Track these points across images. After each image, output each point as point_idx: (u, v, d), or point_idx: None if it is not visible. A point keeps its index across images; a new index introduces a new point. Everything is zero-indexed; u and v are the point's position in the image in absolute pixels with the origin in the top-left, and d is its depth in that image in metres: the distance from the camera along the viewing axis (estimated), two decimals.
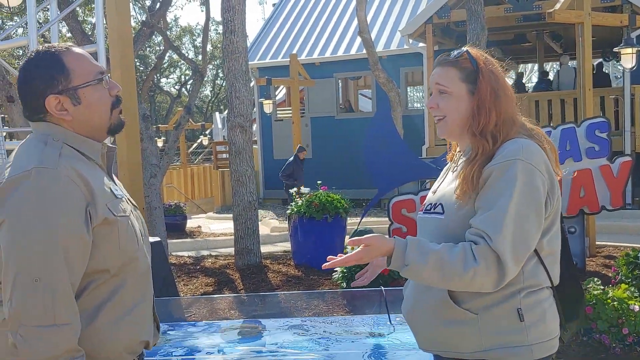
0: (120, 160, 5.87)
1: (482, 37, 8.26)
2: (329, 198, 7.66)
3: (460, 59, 1.88)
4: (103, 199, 1.67)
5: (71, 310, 1.59)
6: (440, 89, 1.89)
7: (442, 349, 1.85)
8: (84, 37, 8.79)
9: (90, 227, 1.63)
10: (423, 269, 1.71)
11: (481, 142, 1.81)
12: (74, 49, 1.76)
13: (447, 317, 1.80)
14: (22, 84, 1.73)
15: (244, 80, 7.67)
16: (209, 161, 21.37)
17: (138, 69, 28.79)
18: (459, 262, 1.69)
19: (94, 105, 1.73)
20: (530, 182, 1.74)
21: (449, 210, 1.82)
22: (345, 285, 5.69)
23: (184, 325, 4.33)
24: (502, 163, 1.75)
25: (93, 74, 1.74)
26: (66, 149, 1.69)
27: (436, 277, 1.71)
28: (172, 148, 10.30)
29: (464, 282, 1.70)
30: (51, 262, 1.56)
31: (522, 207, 1.72)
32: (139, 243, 1.76)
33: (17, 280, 1.56)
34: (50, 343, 1.56)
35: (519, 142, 1.80)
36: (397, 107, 10.75)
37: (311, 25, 16.86)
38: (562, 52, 16.02)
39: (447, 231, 1.81)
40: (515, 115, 1.88)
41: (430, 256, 1.71)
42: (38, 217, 1.57)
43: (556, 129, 6.67)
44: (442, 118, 1.90)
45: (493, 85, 1.84)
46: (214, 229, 12.62)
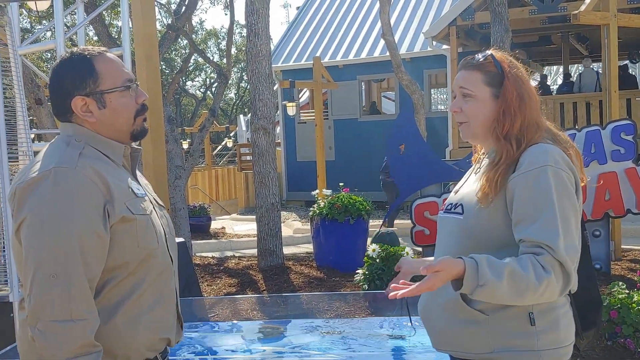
0: (146, 162, 5.95)
1: (506, 39, 8.21)
2: (351, 200, 7.67)
3: (485, 62, 1.88)
4: (122, 197, 1.70)
5: (88, 306, 1.63)
6: (464, 93, 1.88)
7: (453, 349, 1.85)
8: (110, 40, 8.93)
9: (107, 224, 1.67)
10: (498, 287, 1.63)
11: (505, 147, 1.81)
12: (107, 54, 1.81)
13: (459, 316, 1.80)
14: (52, 83, 1.79)
15: (267, 83, 7.72)
16: (233, 163, 21.50)
17: (164, 72, 29.08)
18: (531, 275, 1.64)
19: (118, 110, 1.78)
20: (563, 185, 1.73)
21: (469, 211, 1.82)
22: (367, 287, 5.70)
23: (206, 324, 4.37)
24: (532, 171, 1.73)
25: (121, 81, 1.78)
26: (88, 150, 1.74)
27: (510, 294, 1.64)
28: (196, 150, 10.40)
29: (537, 295, 1.66)
30: (68, 259, 1.60)
31: (564, 211, 1.71)
32: (159, 241, 1.79)
33: (35, 276, 1.60)
34: (67, 338, 1.59)
35: (543, 147, 1.79)
36: (420, 110, 10.71)
37: (335, 28, 16.89)
38: (588, 53, 15.84)
39: (465, 231, 1.81)
40: (540, 119, 1.87)
41: (505, 273, 1.64)
42: (55, 214, 1.61)
43: (581, 132, 6.61)
44: (466, 122, 1.90)
45: (518, 90, 1.84)
46: (238, 230, 12.70)
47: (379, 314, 4.61)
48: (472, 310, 1.77)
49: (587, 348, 4.65)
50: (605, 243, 6.71)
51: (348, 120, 15.67)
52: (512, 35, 8.72)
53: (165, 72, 28.73)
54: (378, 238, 7.15)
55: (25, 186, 1.65)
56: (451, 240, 1.86)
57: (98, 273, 1.67)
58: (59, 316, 1.59)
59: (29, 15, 15.58)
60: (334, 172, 13.80)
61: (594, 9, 7.79)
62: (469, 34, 13.05)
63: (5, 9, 3.85)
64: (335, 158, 15.42)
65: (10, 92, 4.27)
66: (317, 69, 12.13)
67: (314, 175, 12.33)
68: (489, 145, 1.93)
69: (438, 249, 1.96)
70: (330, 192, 8.08)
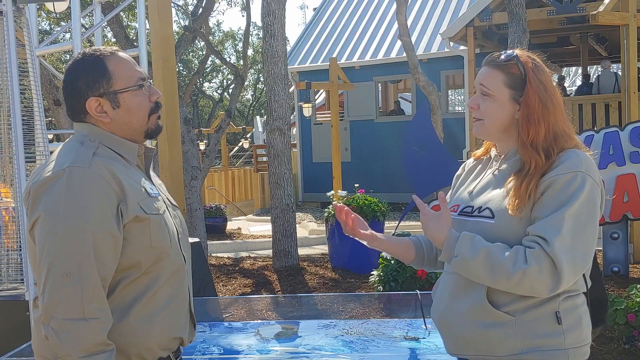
0: (162, 162, 5.98)
1: (524, 40, 8.15)
2: (367, 201, 7.66)
3: (509, 63, 1.84)
4: (135, 197, 1.71)
5: (101, 305, 1.64)
6: (483, 91, 1.86)
7: (474, 353, 1.82)
8: (127, 41, 9.00)
9: (121, 224, 1.68)
10: (470, 263, 1.72)
11: (533, 156, 1.77)
12: (119, 53, 1.82)
13: (484, 319, 1.77)
14: (66, 85, 1.80)
15: (283, 84, 7.74)
16: (250, 164, 21.56)
17: (181, 73, 29.25)
18: (508, 262, 1.68)
19: (132, 109, 1.79)
20: (592, 196, 1.72)
21: (501, 216, 1.78)
22: (382, 289, 5.68)
23: (220, 324, 4.38)
24: (565, 175, 1.72)
25: (134, 80, 1.79)
26: (102, 149, 1.75)
27: (484, 273, 1.71)
28: (213, 151, 10.44)
29: (512, 283, 1.69)
30: (81, 258, 1.62)
31: (581, 218, 1.70)
32: (172, 241, 1.80)
33: (48, 274, 1.62)
34: (79, 336, 1.61)
35: (577, 153, 1.77)
36: (437, 111, 10.67)
37: (351, 29, 16.88)
38: (607, 54, 15.68)
39: (496, 236, 1.77)
40: (567, 127, 1.83)
41: (480, 252, 1.71)
42: (69, 213, 1.62)
43: (599, 133, 6.54)
44: (481, 120, 1.88)
45: (541, 96, 1.80)
46: (254, 230, 12.73)
47: (392, 316, 4.60)
48: (499, 312, 1.75)
49: (612, 347, 4.60)
50: (623, 246, 6.64)
51: (364, 121, 15.65)
52: (531, 36, 8.65)
53: (182, 73, 28.91)
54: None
55: (40, 185, 1.66)
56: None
57: (111, 272, 1.68)
58: (72, 315, 1.60)
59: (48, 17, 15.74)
60: (350, 173, 13.78)
61: (613, 9, 7.71)
62: (486, 35, 12.97)
63: (23, 10, 3.89)
64: (351, 159, 15.40)
65: (29, 93, 4.31)
66: (334, 70, 12.12)
67: (329, 177, 12.32)
68: (505, 146, 1.90)
69: None
70: (345, 193, 8.08)
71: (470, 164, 2.07)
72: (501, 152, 1.92)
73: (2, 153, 4.36)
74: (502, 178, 1.85)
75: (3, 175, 4.42)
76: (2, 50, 4.02)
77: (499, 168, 1.89)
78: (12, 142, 4.17)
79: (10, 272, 4.13)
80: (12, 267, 4.13)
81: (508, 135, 1.88)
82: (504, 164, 1.88)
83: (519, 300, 1.75)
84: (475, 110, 1.89)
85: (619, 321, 4.49)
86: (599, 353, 4.58)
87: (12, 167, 4.24)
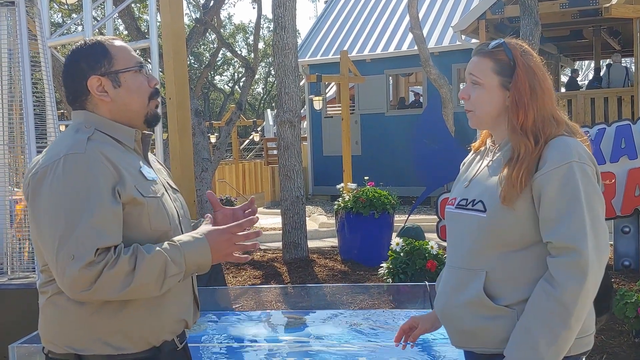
0: (173, 153, 6.01)
1: (536, 32, 8.11)
2: (376, 194, 7.65)
3: (496, 50, 1.84)
4: (132, 180, 1.73)
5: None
6: (473, 80, 1.86)
7: (476, 345, 1.82)
8: (138, 33, 9.03)
9: (120, 202, 1.69)
10: (559, 347, 1.68)
11: (523, 141, 1.76)
12: (118, 41, 1.87)
13: (484, 313, 1.77)
14: (67, 68, 1.84)
15: (294, 76, 7.74)
16: (261, 157, 21.59)
17: (192, 66, 29.31)
18: (557, 309, 1.66)
19: (132, 89, 1.82)
20: (590, 181, 1.71)
21: (493, 209, 1.76)
22: (391, 282, 5.69)
23: (230, 314, 4.41)
24: (558, 169, 1.70)
25: (134, 62, 1.83)
26: (97, 135, 1.77)
27: (566, 337, 1.67)
28: (223, 143, 10.49)
29: (577, 312, 1.66)
30: (85, 239, 1.62)
31: (594, 209, 1.70)
32: (171, 223, 1.81)
33: (57, 260, 1.63)
34: (108, 288, 1.63)
35: (565, 140, 1.75)
36: (448, 104, 10.63)
37: (362, 22, 16.84)
38: (621, 48, 15.55)
39: (488, 230, 1.77)
40: (556, 112, 1.83)
41: (546, 344, 1.67)
42: (69, 198, 1.64)
43: (611, 126, 6.50)
44: (472, 110, 1.88)
45: (530, 81, 1.79)
46: (264, 223, 12.76)
47: (401, 307, 4.61)
48: (498, 306, 1.75)
49: (622, 341, 4.59)
50: (635, 239, 6.60)
51: (375, 114, 15.62)
52: (543, 30, 8.60)
53: (194, 66, 28.98)
54: (403, 232, 7.13)
55: (38, 175, 1.69)
56: (471, 239, 1.81)
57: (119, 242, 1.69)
58: (92, 288, 1.63)
59: (60, 9, 15.81)
60: (360, 166, 13.76)
61: (626, 2, 7.66)
62: (498, 28, 12.91)
63: (35, 0, 3.92)
64: (362, 153, 15.39)
65: (41, 85, 4.35)
66: (344, 63, 12.10)
67: (340, 170, 12.32)
68: (499, 135, 1.89)
69: (454, 246, 1.90)
70: (355, 185, 8.08)
71: (470, 155, 2.06)
72: (496, 141, 1.91)
73: (14, 144, 4.40)
74: (495, 168, 1.84)
75: (15, 166, 4.47)
76: (15, 41, 4.06)
77: (493, 158, 1.88)
78: (24, 134, 4.21)
79: (21, 261, 4.18)
80: (24, 256, 4.18)
81: (500, 123, 1.87)
82: (498, 154, 1.87)
83: (517, 293, 1.74)
84: (467, 101, 1.89)
85: (629, 315, 4.48)
86: (608, 346, 4.57)
87: (25, 158, 4.29)
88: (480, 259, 1.79)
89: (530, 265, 1.75)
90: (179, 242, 1.70)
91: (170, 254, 1.67)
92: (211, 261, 1.74)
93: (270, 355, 3.52)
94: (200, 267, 1.74)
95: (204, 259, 1.72)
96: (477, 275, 1.78)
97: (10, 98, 4.28)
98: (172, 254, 1.67)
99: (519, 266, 1.76)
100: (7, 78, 4.19)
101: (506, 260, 1.76)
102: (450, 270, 1.90)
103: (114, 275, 1.61)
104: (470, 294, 1.78)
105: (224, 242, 1.74)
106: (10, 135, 4.37)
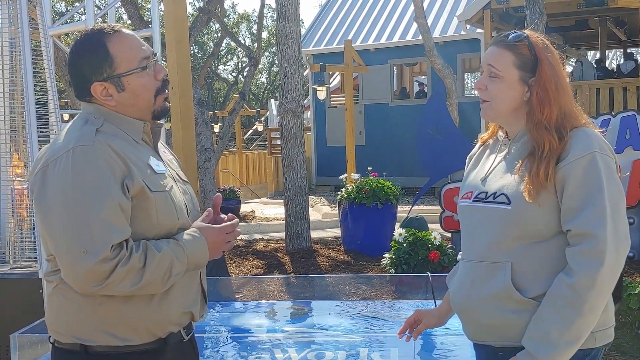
0: (175, 143, 5.99)
1: (541, 22, 8.05)
2: (380, 184, 7.64)
3: (519, 43, 1.81)
4: (140, 174, 1.71)
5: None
6: (492, 72, 1.82)
7: (498, 339, 1.80)
8: (142, 22, 8.99)
9: (129, 196, 1.68)
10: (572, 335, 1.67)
11: (547, 137, 1.74)
12: (123, 31, 1.80)
13: (509, 306, 1.75)
14: (70, 68, 1.81)
15: (297, 65, 7.71)
16: (264, 147, 21.58)
17: (196, 55, 29.25)
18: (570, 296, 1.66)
19: (137, 92, 1.78)
20: (611, 172, 1.71)
21: (518, 201, 1.74)
22: (394, 272, 5.68)
23: (232, 304, 4.42)
24: (581, 159, 1.69)
25: (138, 61, 1.77)
26: (107, 126, 1.75)
27: (579, 325, 1.66)
28: (226, 133, 10.47)
29: (594, 297, 1.65)
30: (95, 233, 1.61)
31: (614, 199, 1.69)
32: (179, 217, 1.80)
33: (68, 255, 1.62)
34: (122, 284, 1.64)
35: (586, 131, 1.75)
36: (453, 94, 10.58)
37: (367, 11, 16.76)
38: (626, 38, 15.47)
39: (513, 222, 1.75)
40: (574, 107, 1.82)
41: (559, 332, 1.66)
42: (77, 191, 1.63)
43: (616, 117, 6.47)
44: (488, 101, 1.85)
45: (554, 78, 1.78)
46: (267, 213, 12.76)
47: (403, 297, 4.61)
48: (525, 299, 1.73)
49: (627, 333, 4.58)
50: (638, 231, 6.58)
51: (379, 104, 15.57)
52: (549, 20, 8.54)
53: (197, 56, 28.92)
54: (406, 223, 7.11)
55: (47, 166, 1.67)
56: (493, 231, 1.79)
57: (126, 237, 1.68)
58: (104, 284, 1.63)
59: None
60: (364, 157, 13.73)
61: None
62: (503, 18, 12.83)
63: None
64: (366, 143, 15.34)
65: (44, 75, 4.33)
66: (348, 53, 12.05)
67: (343, 160, 12.30)
68: (513, 129, 1.87)
69: (472, 240, 1.87)
70: (358, 176, 8.06)
71: (478, 148, 2.04)
72: (509, 135, 1.89)
73: (17, 134, 4.39)
74: (513, 162, 1.82)
75: (17, 156, 4.46)
76: (16, 30, 4.03)
77: (509, 152, 1.86)
78: (26, 123, 4.19)
79: (24, 250, 4.18)
80: (26, 245, 4.18)
81: (516, 117, 1.85)
82: (513, 147, 1.86)
83: (542, 284, 1.73)
84: (483, 91, 1.85)
85: (632, 306, 4.47)
86: None
87: (26, 147, 4.27)
88: (504, 251, 1.77)
89: (554, 255, 1.73)
90: (182, 241, 1.74)
91: (175, 252, 1.71)
92: (208, 259, 1.81)
93: (272, 346, 3.52)
94: (198, 265, 1.80)
95: (202, 257, 1.79)
96: (501, 268, 1.76)
97: (12, 87, 4.26)
98: (177, 252, 1.71)
99: (544, 257, 1.74)
100: (9, 67, 4.17)
101: (530, 251, 1.75)
102: (468, 264, 1.87)
103: (126, 272, 1.63)
104: (496, 287, 1.76)
105: (218, 241, 1.82)
106: (12, 125, 4.35)
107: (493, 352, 1.83)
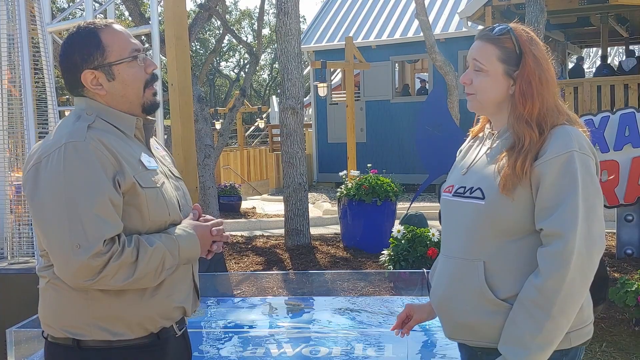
0: (175, 140, 5.99)
1: (541, 19, 8.04)
2: (379, 181, 7.64)
3: (502, 37, 1.80)
4: (131, 170, 1.72)
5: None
6: (477, 66, 1.82)
7: (473, 338, 1.80)
8: (142, 18, 8.99)
9: (120, 191, 1.69)
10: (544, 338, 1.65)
11: (528, 131, 1.73)
12: (114, 25, 1.83)
13: (483, 306, 1.74)
14: (62, 59, 1.82)
15: (296, 62, 7.71)
16: (266, 144, 21.58)
17: (198, 52, 29.24)
18: (540, 300, 1.64)
19: (127, 81, 1.80)
20: (588, 171, 1.69)
21: (492, 196, 1.73)
22: (392, 268, 5.70)
23: (230, 300, 4.43)
24: (558, 157, 1.68)
25: (128, 51, 1.80)
26: (98, 122, 1.76)
27: (550, 328, 1.64)
28: (227, 130, 10.47)
29: (562, 299, 1.63)
30: (86, 227, 1.63)
31: (590, 199, 1.67)
32: (171, 213, 1.81)
33: (61, 250, 1.64)
34: (116, 277, 1.66)
35: (566, 129, 1.73)
36: (454, 91, 10.58)
37: (368, 8, 16.74)
38: (628, 35, 15.44)
39: (486, 218, 1.74)
40: (558, 102, 1.80)
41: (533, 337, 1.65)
42: (69, 186, 1.64)
43: (615, 114, 6.45)
44: (473, 94, 1.84)
45: (538, 71, 1.76)
46: (268, 210, 12.78)
47: (399, 293, 4.62)
48: (498, 300, 1.73)
49: (623, 330, 4.59)
50: (637, 228, 6.58)
51: (380, 101, 15.56)
52: (550, 17, 8.54)
53: (199, 52, 28.92)
54: (406, 219, 7.12)
55: (39, 162, 1.69)
56: (468, 227, 1.78)
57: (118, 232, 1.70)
58: (96, 278, 1.65)
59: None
60: (365, 154, 13.74)
61: None
62: (505, 15, 12.80)
63: None
64: (367, 140, 15.35)
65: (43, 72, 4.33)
66: (349, 49, 12.04)
67: (344, 157, 12.30)
68: (498, 122, 1.86)
69: (450, 235, 1.87)
70: (358, 173, 8.06)
71: (468, 141, 2.03)
72: (494, 129, 1.88)
73: (15, 130, 4.41)
74: (494, 155, 1.81)
75: (16, 152, 4.47)
76: (15, 26, 4.05)
77: (492, 146, 1.85)
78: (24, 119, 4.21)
79: (22, 246, 4.20)
80: (24, 241, 4.20)
81: (501, 110, 1.84)
82: (497, 141, 1.84)
83: (517, 285, 1.72)
84: (468, 86, 1.85)
85: (629, 303, 4.47)
86: (608, 335, 4.57)
87: (24, 144, 4.29)
88: (478, 248, 1.76)
89: (527, 255, 1.72)
90: (175, 236, 1.76)
91: (168, 247, 1.72)
92: (199, 254, 1.83)
93: (270, 341, 3.53)
94: (189, 259, 1.83)
95: (194, 252, 1.81)
96: (475, 266, 1.76)
97: (10, 84, 4.27)
98: (170, 247, 1.73)
99: (516, 257, 1.73)
100: (7, 64, 4.18)
101: (504, 250, 1.74)
102: (447, 260, 1.86)
103: (118, 266, 1.64)
104: (471, 286, 1.76)
105: (207, 238, 1.85)
106: (10, 121, 4.37)
107: (472, 351, 1.84)
